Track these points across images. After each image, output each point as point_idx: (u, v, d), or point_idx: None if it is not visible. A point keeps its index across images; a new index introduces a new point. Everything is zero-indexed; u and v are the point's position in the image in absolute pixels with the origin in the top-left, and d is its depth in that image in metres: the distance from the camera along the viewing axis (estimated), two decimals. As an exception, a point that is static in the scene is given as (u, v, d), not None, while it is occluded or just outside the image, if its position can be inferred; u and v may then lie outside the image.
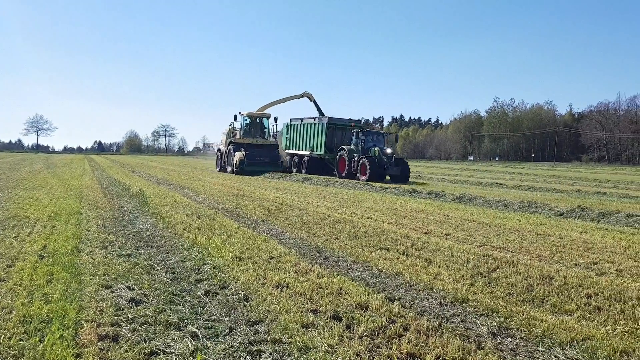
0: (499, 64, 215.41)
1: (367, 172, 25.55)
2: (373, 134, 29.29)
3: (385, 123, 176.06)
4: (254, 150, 30.06)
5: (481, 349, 4.09)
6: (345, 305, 5.03)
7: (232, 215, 11.46)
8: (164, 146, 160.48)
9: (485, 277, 6.27)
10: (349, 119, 32.39)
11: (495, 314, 4.92)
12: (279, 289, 5.51)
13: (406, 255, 7.47)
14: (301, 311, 4.79)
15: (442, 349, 4.00)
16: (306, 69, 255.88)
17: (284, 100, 36.51)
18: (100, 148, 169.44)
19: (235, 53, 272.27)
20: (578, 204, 14.92)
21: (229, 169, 31.23)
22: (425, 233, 9.47)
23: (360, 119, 34.77)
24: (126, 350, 3.85)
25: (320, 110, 35.27)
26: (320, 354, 3.87)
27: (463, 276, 6.29)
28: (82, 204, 12.52)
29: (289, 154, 33.96)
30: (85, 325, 4.29)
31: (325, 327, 4.41)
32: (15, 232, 8.38)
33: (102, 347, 3.90)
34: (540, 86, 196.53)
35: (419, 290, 5.71)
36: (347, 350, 3.94)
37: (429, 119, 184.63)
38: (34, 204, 12.24)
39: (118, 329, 4.27)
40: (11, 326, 4.20)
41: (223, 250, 7.36)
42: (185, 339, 4.11)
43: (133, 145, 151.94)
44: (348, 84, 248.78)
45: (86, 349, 3.84)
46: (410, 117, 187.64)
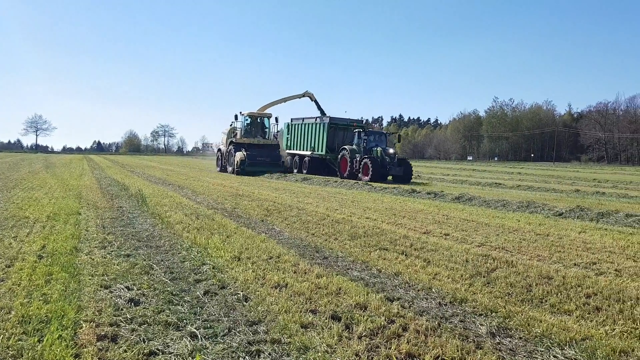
0: (498, 64, 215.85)
1: (370, 173, 25.22)
2: (375, 133, 28.97)
3: (385, 123, 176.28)
4: (255, 150, 29.77)
5: (480, 349, 4.09)
6: (344, 305, 5.03)
7: (231, 215, 11.46)
8: (163, 146, 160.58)
9: (484, 277, 6.27)
10: (351, 118, 32.06)
11: (494, 314, 4.92)
12: (278, 289, 5.51)
13: (405, 255, 7.47)
14: (300, 311, 4.79)
15: (441, 349, 4.01)
16: (305, 69, 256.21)
17: (285, 99, 36.19)
18: (99, 148, 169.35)
19: (235, 53, 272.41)
20: (577, 203, 14.94)
21: (229, 169, 30.95)
22: (424, 233, 9.47)
23: (359, 119, 34.57)
24: (125, 351, 3.85)
25: (322, 110, 34.93)
26: (319, 354, 3.87)
27: (462, 276, 6.29)
28: (81, 204, 12.51)
29: (290, 154, 33.72)
30: (84, 325, 4.29)
31: (324, 327, 4.41)
32: (14, 232, 8.38)
33: (101, 347, 3.90)
34: (540, 86, 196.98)
35: (418, 290, 5.71)
36: (346, 350, 3.94)
37: (428, 119, 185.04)
38: (32, 204, 12.23)
39: (117, 329, 4.27)
40: (10, 326, 4.20)
41: (222, 251, 7.36)
42: (184, 339, 4.11)
43: (132, 145, 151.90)
44: (347, 83, 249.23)
45: (85, 349, 3.84)
46: (409, 117, 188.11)
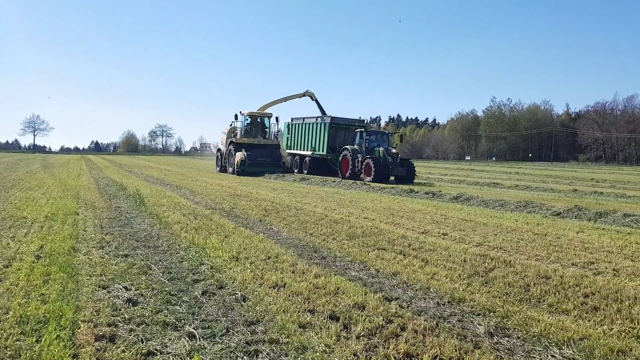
0: (496, 63, 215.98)
1: (372, 173, 24.80)
2: (377, 133, 28.60)
3: (382, 123, 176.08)
4: (255, 150, 29.46)
5: (478, 348, 4.09)
6: (342, 305, 5.03)
7: (230, 215, 11.45)
8: (161, 146, 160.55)
9: (482, 277, 6.28)
10: (352, 118, 31.78)
11: (492, 314, 4.93)
12: (276, 289, 5.51)
13: (403, 255, 7.47)
14: (298, 311, 4.79)
15: (439, 349, 4.01)
16: (303, 69, 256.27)
17: (285, 99, 35.78)
18: (97, 148, 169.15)
19: (233, 53, 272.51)
20: (575, 203, 14.96)
21: (229, 169, 30.62)
22: (423, 233, 9.48)
23: (361, 119, 34.34)
24: (123, 351, 3.85)
25: (322, 110, 34.53)
26: (318, 354, 3.87)
27: (460, 276, 6.30)
28: (79, 204, 12.49)
29: (290, 154, 33.42)
30: (82, 325, 4.29)
31: (322, 327, 4.41)
32: (12, 233, 8.37)
33: (99, 348, 3.89)
34: (537, 86, 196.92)
35: (416, 290, 5.72)
36: (344, 350, 3.94)
37: (426, 119, 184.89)
38: (30, 204, 12.21)
39: (115, 329, 4.27)
40: (8, 326, 4.19)
41: (220, 251, 7.36)
42: (182, 339, 4.11)
43: (130, 146, 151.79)
44: (345, 83, 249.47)
45: (83, 350, 3.83)
46: (407, 117, 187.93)
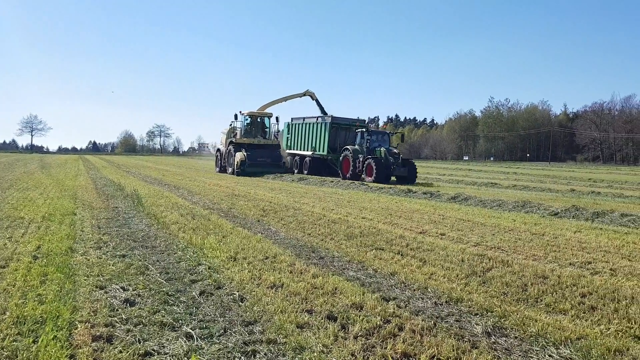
0: (494, 64, 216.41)
1: (374, 174, 24.45)
2: (378, 133, 28.15)
3: (381, 123, 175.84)
4: (255, 150, 29.22)
5: (476, 348, 4.09)
6: (340, 305, 5.03)
7: (227, 215, 11.44)
8: (159, 146, 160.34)
9: (479, 277, 6.28)
10: (353, 118, 31.59)
11: (489, 314, 4.93)
12: (274, 289, 5.51)
13: (401, 255, 7.47)
14: (296, 311, 4.79)
15: (437, 349, 4.01)
16: (302, 69, 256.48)
17: (285, 99, 35.33)
18: (94, 148, 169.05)
19: (231, 53, 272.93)
20: (572, 203, 14.97)
21: (229, 169, 30.31)
22: (420, 233, 9.48)
23: (362, 119, 34.14)
24: (120, 351, 3.84)
25: (323, 110, 34.10)
26: (315, 354, 3.87)
27: (458, 276, 6.30)
28: (77, 205, 12.47)
29: (290, 154, 33.21)
30: (79, 326, 4.28)
31: (320, 327, 4.41)
32: (9, 233, 8.35)
33: (96, 348, 3.89)
34: (535, 86, 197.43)
35: (414, 290, 5.72)
36: (342, 350, 3.94)
37: (424, 119, 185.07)
38: (28, 204, 12.19)
39: (112, 329, 4.26)
40: (5, 327, 4.18)
41: (218, 251, 7.35)
42: (179, 339, 4.10)
43: (128, 146, 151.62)
44: (343, 83, 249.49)
45: (80, 350, 3.83)
46: (405, 117, 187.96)
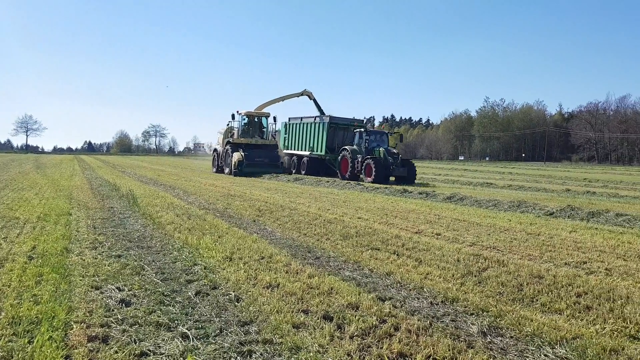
0: (489, 64, 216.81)
1: (373, 174, 24.26)
2: (377, 133, 27.90)
3: (377, 123, 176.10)
4: (253, 150, 29.01)
5: (471, 348, 4.10)
6: (336, 305, 5.03)
7: (223, 215, 11.43)
8: (155, 146, 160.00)
9: (475, 277, 6.30)
10: (351, 118, 31.41)
11: (485, 313, 4.94)
12: (269, 289, 5.50)
13: (397, 255, 7.48)
14: (292, 311, 4.79)
15: (433, 349, 4.02)
16: (297, 69, 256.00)
17: (283, 98, 35.03)
18: (90, 148, 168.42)
19: (227, 53, 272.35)
20: (568, 203, 15.02)
21: (226, 170, 30.00)
22: (416, 233, 9.49)
23: (360, 119, 33.93)
24: (116, 352, 3.83)
25: (321, 109, 33.93)
26: (311, 354, 3.87)
27: (453, 276, 6.31)
28: (72, 205, 12.43)
29: (287, 154, 33.05)
30: (74, 326, 4.27)
31: (316, 327, 4.41)
32: (4, 233, 8.31)
33: (92, 349, 3.88)
34: (531, 86, 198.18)
35: (410, 290, 5.72)
36: (338, 350, 3.95)
37: (420, 119, 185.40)
38: (23, 204, 12.14)
39: (108, 330, 4.25)
40: (0, 328, 4.17)
41: (214, 251, 7.34)
42: (175, 339, 4.10)
43: (123, 146, 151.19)
44: (339, 84, 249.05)
45: (75, 350, 3.82)
46: (401, 117, 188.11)
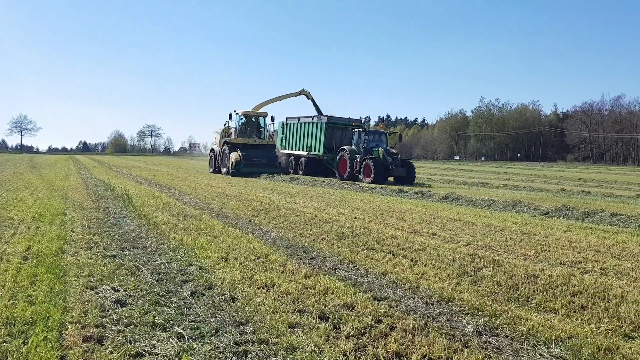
0: (484, 64, 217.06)
1: (372, 174, 24.15)
2: (375, 133, 27.78)
3: (372, 123, 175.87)
4: (251, 150, 28.86)
5: (467, 347, 4.11)
6: (331, 305, 5.03)
7: (219, 215, 11.41)
8: (150, 146, 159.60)
9: (471, 276, 6.31)
10: (350, 118, 31.32)
11: (480, 313, 4.95)
12: (265, 289, 5.50)
13: (392, 254, 7.49)
14: (288, 311, 4.79)
15: (428, 348, 4.02)
16: (292, 69, 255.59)
17: (281, 98, 34.79)
18: (85, 148, 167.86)
19: (223, 53, 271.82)
20: (563, 203, 15.06)
21: (223, 170, 29.78)
22: (412, 233, 9.50)
23: (359, 118, 33.74)
24: (111, 352, 3.82)
25: (319, 109, 33.61)
26: (307, 354, 3.86)
27: (449, 275, 6.32)
28: (67, 205, 12.39)
29: (285, 154, 32.93)
30: (69, 326, 4.25)
31: (311, 327, 4.41)
32: (-2, 234, 8.27)
33: (87, 349, 3.86)
34: (526, 86, 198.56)
35: (405, 290, 5.73)
36: (334, 350, 3.94)
37: (415, 119, 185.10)
38: (17, 204, 12.09)
39: (103, 330, 4.24)
40: (-6, 328, 4.15)
41: (209, 251, 7.33)
42: (170, 340, 4.09)
43: (118, 146, 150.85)
44: (334, 84, 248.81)
45: (70, 351, 3.80)
46: (396, 117, 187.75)
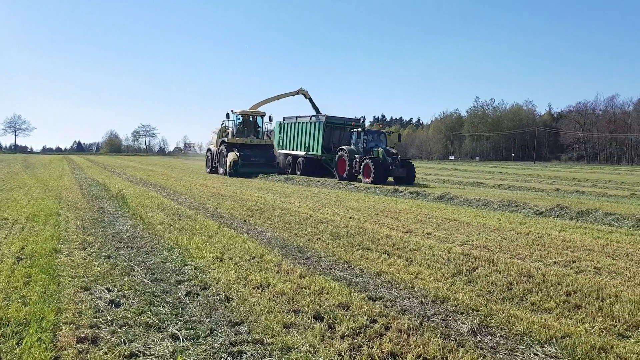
0: (479, 64, 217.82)
1: (372, 174, 23.88)
2: (374, 133, 27.45)
3: (367, 122, 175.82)
4: (248, 150, 28.62)
5: (462, 347, 4.12)
6: (326, 305, 5.03)
7: (214, 215, 11.39)
8: (145, 146, 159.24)
9: (465, 276, 6.32)
10: (348, 117, 31.12)
11: (475, 313, 4.96)
12: (260, 290, 5.49)
13: (387, 254, 7.49)
14: (283, 311, 4.78)
15: (423, 348, 4.03)
16: (288, 69, 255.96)
17: (278, 97, 34.31)
18: (79, 148, 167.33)
19: (219, 53, 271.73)
20: (557, 202, 15.11)
21: (220, 170, 29.51)
22: (407, 232, 9.51)
23: (357, 118, 33.56)
24: (105, 353, 3.81)
25: (317, 108, 33.13)
26: (302, 354, 3.86)
27: (444, 275, 6.33)
28: (61, 205, 12.34)
29: (282, 154, 32.72)
30: (63, 327, 4.23)
31: (306, 327, 4.40)
32: (-9, 234, 8.23)
33: (81, 350, 3.85)
34: (520, 86, 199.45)
35: (400, 290, 5.74)
36: (329, 350, 3.94)
37: (410, 119, 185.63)
38: (11, 205, 12.03)
39: (97, 331, 4.22)
40: (-13, 329, 4.12)
41: (204, 251, 7.31)
42: (165, 340, 4.08)
43: (113, 146, 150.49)
44: (330, 83, 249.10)
45: (65, 352, 3.79)
46: (391, 117, 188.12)
